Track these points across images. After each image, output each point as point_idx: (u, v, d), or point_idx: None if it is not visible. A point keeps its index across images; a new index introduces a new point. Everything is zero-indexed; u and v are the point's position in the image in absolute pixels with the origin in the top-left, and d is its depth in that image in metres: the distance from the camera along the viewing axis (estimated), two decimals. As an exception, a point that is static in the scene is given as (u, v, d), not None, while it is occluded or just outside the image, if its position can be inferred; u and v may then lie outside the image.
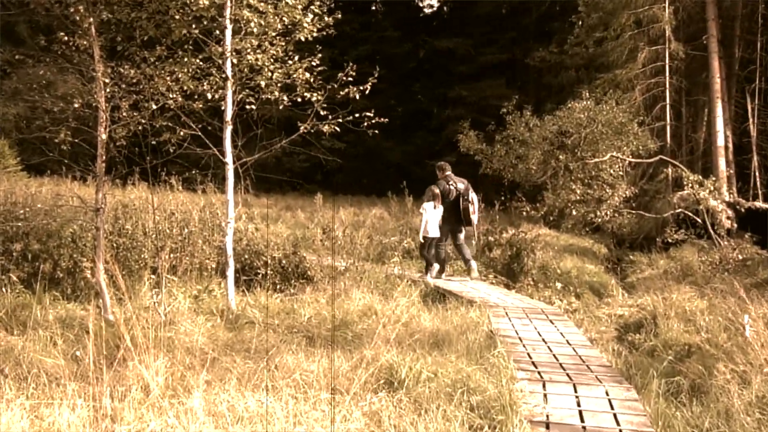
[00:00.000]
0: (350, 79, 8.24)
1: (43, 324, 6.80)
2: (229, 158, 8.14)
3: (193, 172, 10.46)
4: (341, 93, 8.27)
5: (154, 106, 7.85)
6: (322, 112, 8.29)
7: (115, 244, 9.05)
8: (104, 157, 7.49)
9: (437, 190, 11.06)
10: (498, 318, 8.17)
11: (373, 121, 8.34)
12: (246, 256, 9.82)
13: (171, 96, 7.96)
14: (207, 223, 10.53)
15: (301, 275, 9.63)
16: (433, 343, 6.66)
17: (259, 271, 9.52)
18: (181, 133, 8.12)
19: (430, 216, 10.93)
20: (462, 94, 33.80)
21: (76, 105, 7.48)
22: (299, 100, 8.33)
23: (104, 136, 7.44)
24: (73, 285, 8.64)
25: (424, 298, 9.37)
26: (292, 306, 8.33)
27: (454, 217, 11.18)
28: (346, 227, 12.01)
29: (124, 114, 7.74)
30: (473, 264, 11.33)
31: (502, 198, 16.27)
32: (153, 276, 8.72)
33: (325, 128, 8.26)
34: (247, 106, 8.38)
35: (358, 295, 8.73)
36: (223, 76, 8.14)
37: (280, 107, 8.48)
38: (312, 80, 8.32)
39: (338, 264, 10.22)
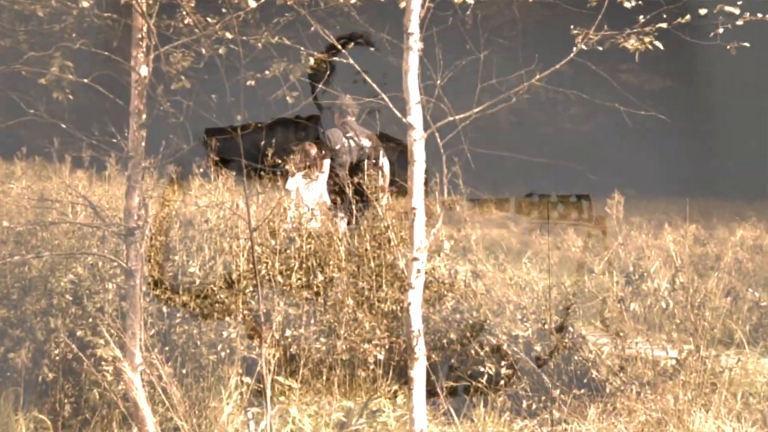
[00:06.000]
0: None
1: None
2: (415, 114, 7.83)
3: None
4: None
5: (253, 3, 7.86)
6: (627, 4, 8.06)
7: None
8: (143, 119, 7.54)
9: (313, 151, 13.53)
10: None
11: (738, 23, 7.95)
12: (452, 336, 9.78)
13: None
14: (364, 261, 10.65)
15: (575, 379, 9.45)
16: None
17: (481, 368, 9.42)
18: (311, 62, 8.17)
19: (306, 197, 13.02)
20: None
21: (85, 3, 7.63)
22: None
23: (145, 71, 7.52)
24: (76, 397, 8.92)
25: None
26: (556, 450, 8.19)
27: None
28: (678, 270, 11.59)
29: (187, 21, 7.85)
30: None
31: None
32: (246, 378, 8.89)
33: (630, 44, 7.98)
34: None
35: (711, 424, 8.76)
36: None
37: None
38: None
39: (657, 352, 10.01)
